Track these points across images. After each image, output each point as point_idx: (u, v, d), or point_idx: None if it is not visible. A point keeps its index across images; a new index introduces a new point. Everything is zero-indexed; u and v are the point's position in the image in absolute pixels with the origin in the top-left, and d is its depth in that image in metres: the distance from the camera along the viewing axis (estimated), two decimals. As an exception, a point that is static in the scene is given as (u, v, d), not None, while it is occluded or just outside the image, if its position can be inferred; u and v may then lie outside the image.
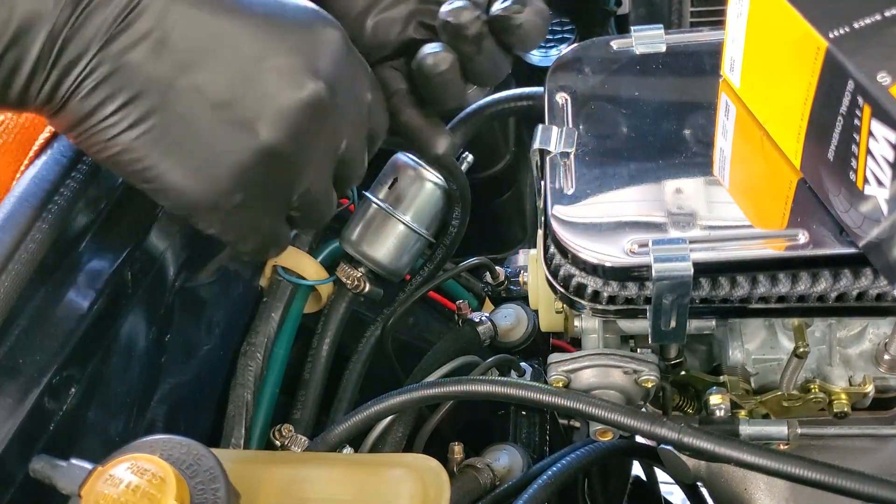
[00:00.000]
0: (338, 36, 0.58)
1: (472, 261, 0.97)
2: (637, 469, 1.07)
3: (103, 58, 0.51)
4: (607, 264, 0.59)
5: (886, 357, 0.68)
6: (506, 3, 0.62)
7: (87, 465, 0.51)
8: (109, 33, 0.50)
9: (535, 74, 1.21)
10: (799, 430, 0.65)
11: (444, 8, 0.62)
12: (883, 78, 0.51)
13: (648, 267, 0.57)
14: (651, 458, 0.79)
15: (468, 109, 0.93)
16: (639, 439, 0.73)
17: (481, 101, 0.95)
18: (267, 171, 0.55)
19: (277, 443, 0.77)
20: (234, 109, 0.53)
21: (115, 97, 0.51)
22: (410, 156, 0.89)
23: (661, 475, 1.00)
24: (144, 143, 0.52)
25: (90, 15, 0.50)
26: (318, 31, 0.57)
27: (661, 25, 0.74)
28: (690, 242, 0.58)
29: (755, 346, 0.70)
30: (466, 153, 0.95)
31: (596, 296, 0.61)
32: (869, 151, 0.52)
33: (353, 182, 0.64)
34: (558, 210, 0.63)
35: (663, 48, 0.74)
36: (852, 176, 0.54)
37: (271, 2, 0.56)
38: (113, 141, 0.52)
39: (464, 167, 0.94)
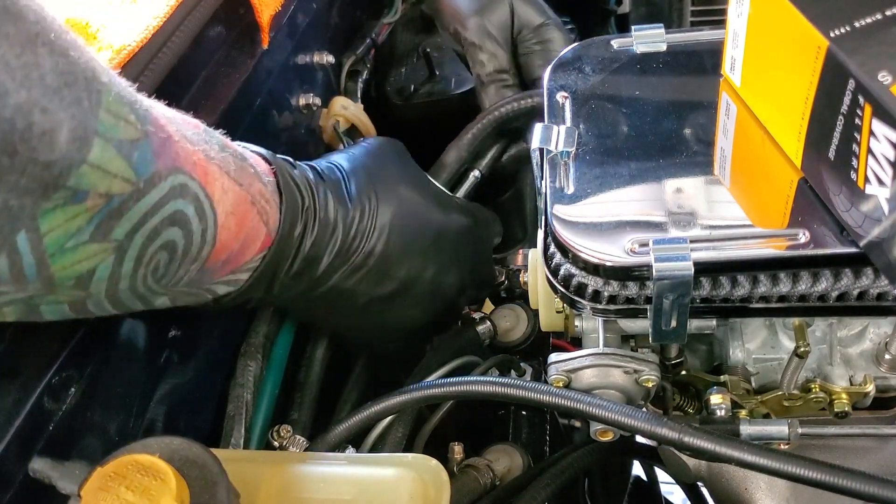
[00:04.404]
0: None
1: (472, 260, 0.96)
2: (637, 469, 1.07)
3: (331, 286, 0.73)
4: (608, 264, 0.59)
5: (887, 356, 0.68)
6: None
7: (87, 466, 0.51)
8: (337, 265, 0.72)
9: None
10: (800, 430, 0.65)
11: None
12: (884, 77, 0.50)
13: (649, 266, 0.57)
14: (651, 457, 0.79)
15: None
16: (639, 439, 0.73)
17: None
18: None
19: (276, 443, 0.76)
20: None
21: None
22: None
23: (661, 475, 1.00)
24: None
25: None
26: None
27: (662, 25, 0.75)
28: (691, 242, 0.58)
29: (756, 346, 0.70)
30: (474, 170, 0.96)
31: (596, 295, 0.61)
32: (870, 150, 0.52)
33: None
34: (558, 209, 0.63)
35: (664, 47, 0.74)
36: (853, 175, 0.54)
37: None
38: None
39: (470, 181, 0.95)
